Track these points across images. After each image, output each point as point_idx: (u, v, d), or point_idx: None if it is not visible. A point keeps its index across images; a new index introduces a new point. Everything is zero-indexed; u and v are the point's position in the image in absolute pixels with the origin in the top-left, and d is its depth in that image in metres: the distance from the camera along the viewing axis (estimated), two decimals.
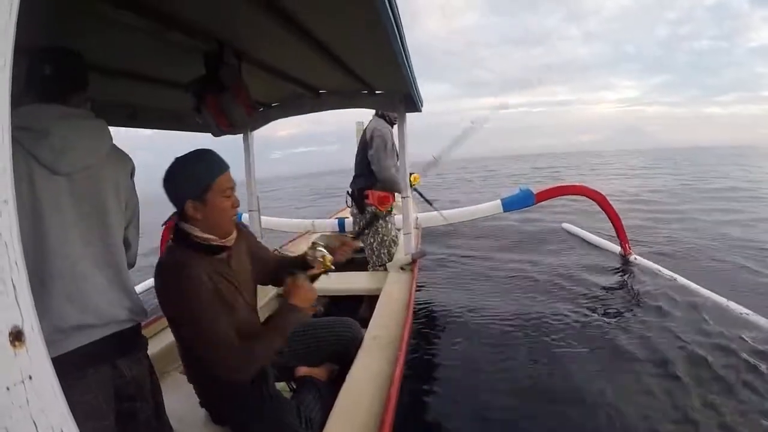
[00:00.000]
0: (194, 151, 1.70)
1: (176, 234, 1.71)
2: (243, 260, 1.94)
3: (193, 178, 1.64)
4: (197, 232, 1.67)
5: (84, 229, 1.42)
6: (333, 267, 1.97)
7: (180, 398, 2.07)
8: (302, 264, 2.06)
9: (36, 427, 0.49)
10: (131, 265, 1.69)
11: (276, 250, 4.08)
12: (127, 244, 1.63)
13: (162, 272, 1.63)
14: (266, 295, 3.34)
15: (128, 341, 1.56)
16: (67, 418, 0.55)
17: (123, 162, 1.60)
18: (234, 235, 1.82)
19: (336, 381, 2.08)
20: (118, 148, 1.59)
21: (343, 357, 2.29)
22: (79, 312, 1.37)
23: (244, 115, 2.41)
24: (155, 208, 2.17)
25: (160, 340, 2.56)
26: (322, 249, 1.92)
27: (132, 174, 1.64)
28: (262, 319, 1.99)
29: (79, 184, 1.41)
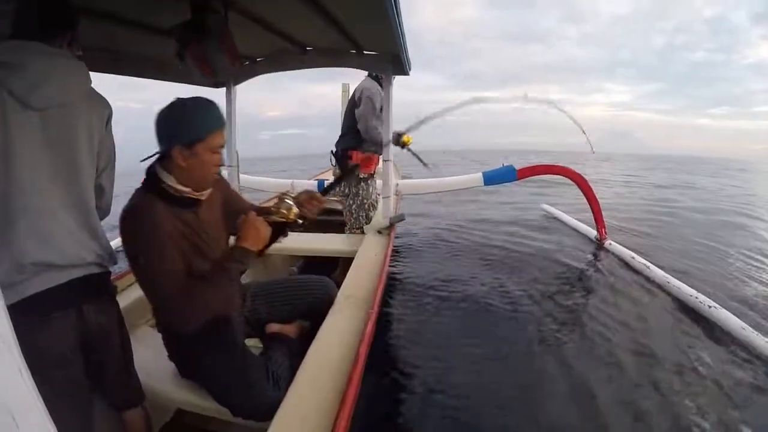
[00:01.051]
0: (198, 97, 1.65)
1: (147, 179, 1.67)
2: (215, 211, 1.91)
3: (189, 124, 1.60)
4: (172, 182, 1.64)
5: (53, 166, 1.41)
6: (299, 221, 1.91)
7: (149, 352, 2.07)
8: (267, 214, 1.98)
9: None
10: (105, 212, 1.70)
11: None
12: (99, 190, 1.62)
13: (124, 216, 1.59)
14: None
15: (95, 287, 1.55)
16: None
17: (99, 106, 1.57)
18: (209, 190, 1.80)
19: (307, 339, 2.07)
20: (97, 93, 1.57)
21: (316, 315, 2.27)
22: (43, 249, 1.36)
23: (228, 64, 2.37)
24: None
25: (131, 293, 2.55)
26: (289, 201, 1.87)
27: (108, 120, 1.61)
28: None
29: (52, 121, 1.39)
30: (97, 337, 1.56)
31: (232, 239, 1.91)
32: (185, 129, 1.59)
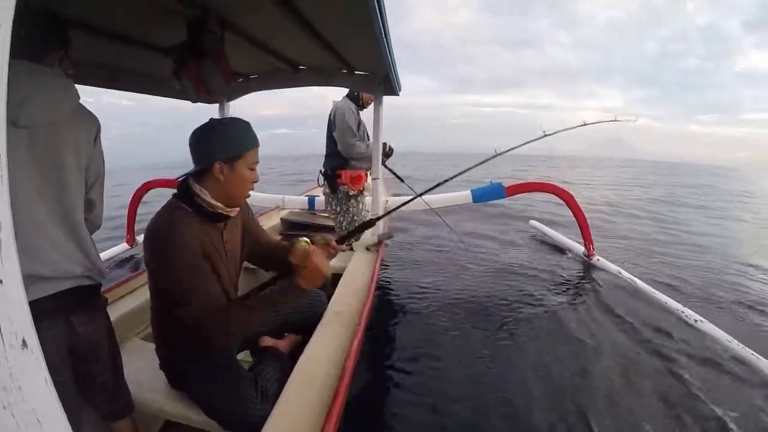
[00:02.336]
0: (236, 118, 1.75)
1: (182, 193, 1.73)
2: (235, 233, 1.97)
3: (231, 140, 1.68)
4: (206, 196, 1.70)
5: (40, 183, 1.44)
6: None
7: (140, 363, 2.10)
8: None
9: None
10: (96, 226, 1.74)
11: None
12: (89, 204, 1.66)
13: (151, 232, 1.64)
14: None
15: (84, 298, 1.58)
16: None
17: (87, 123, 1.60)
18: (238, 209, 1.86)
19: (298, 353, 2.10)
20: (85, 109, 1.61)
21: (309, 327, 2.31)
22: (31, 262, 1.39)
23: (222, 83, 2.44)
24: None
25: (122, 306, 2.59)
26: (304, 244, 1.84)
27: (97, 136, 1.64)
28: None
29: (39, 139, 1.42)
30: (86, 347, 1.59)
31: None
32: (227, 145, 1.67)
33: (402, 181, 4.51)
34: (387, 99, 3.64)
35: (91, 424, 1.73)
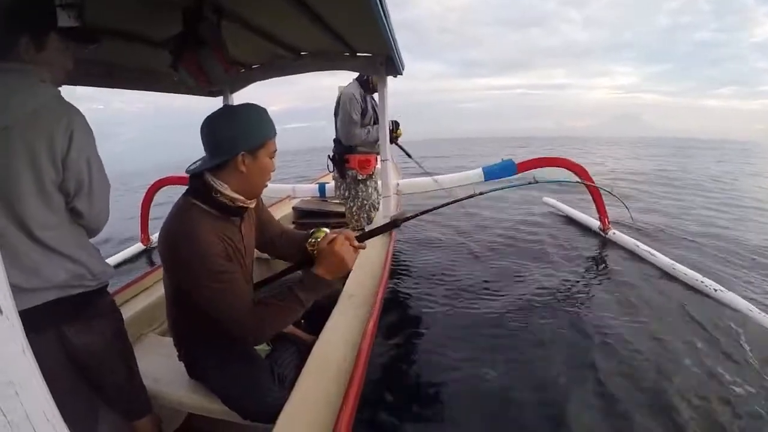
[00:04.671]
0: (253, 104, 1.67)
1: (197, 187, 1.66)
2: (250, 226, 1.95)
3: (254, 129, 1.63)
4: (226, 190, 1.64)
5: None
6: None
7: (157, 359, 2.11)
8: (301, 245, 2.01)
9: None
10: (94, 231, 1.67)
11: None
12: (76, 214, 1.56)
13: (172, 239, 1.58)
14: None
15: (74, 307, 1.54)
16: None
17: (52, 125, 1.41)
18: (255, 200, 1.84)
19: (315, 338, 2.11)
20: (55, 111, 1.44)
21: (324, 313, 2.30)
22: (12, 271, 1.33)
23: (222, 72, 2.43)
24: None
25: (136, 304, 2.61)
26: (324, 234, 1.85)
27: (71, 141, 1.44)
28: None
29: None
30: (85, 356, 1.57)
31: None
32: (250, 135, 1.62)
33: (410, 157, 4.49)
34: (395, 85, 3.62)
35: (109, 423, 1.74)
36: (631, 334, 3.44)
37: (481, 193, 2.42)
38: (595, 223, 6.30)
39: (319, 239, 1.84)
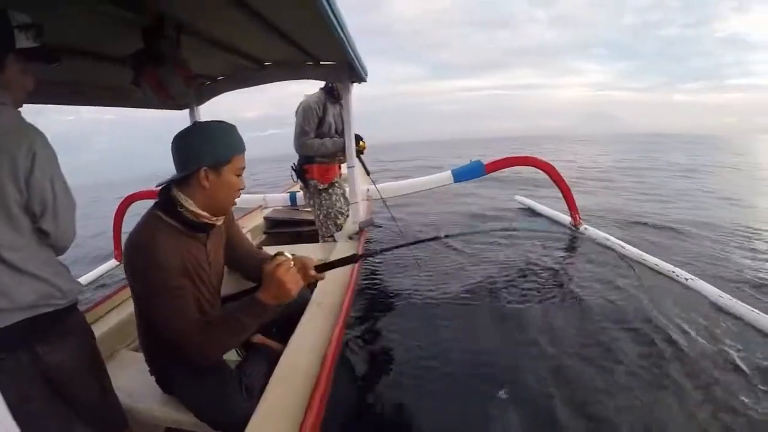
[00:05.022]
0: (221, 121, 1.70)
1: (163, 201, 1.68)
2: (219, 242, 1.95)
3: (217, 144, 1.63)
4: (191, 205, 1.66)
5: None
6: None
7: (131, 375, 2.13)
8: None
9: None
10: (61, 249, 1.66)
11: None
12: (42, 234, 1.55)
13: (132, 249, 1.60)
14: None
15: (46, 326, 1.54)
16: None
17: (15, 146, 1.41)
18: (223, 217, 1.84)
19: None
20: (14, 130, 1.44)
21: (293, 322, 2.31)
22: None
23: (183, 86, 2.46)
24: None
25: (108, 320, 2.63)
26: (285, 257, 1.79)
27: (33, 162, 1.44)
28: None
29: None
30: (58, 374, 1.57)
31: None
32: (212, 150, 1.62)
33: (368, 173, 4.53)
34: (366, 89, 3.67)
35: None
36: (604, 322, 3.56)
37: (446, 236, 2.50)
38: (566, 218, 6.39)
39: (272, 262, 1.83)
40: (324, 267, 1.91)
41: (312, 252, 3.75)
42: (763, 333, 3.27)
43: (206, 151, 1.61)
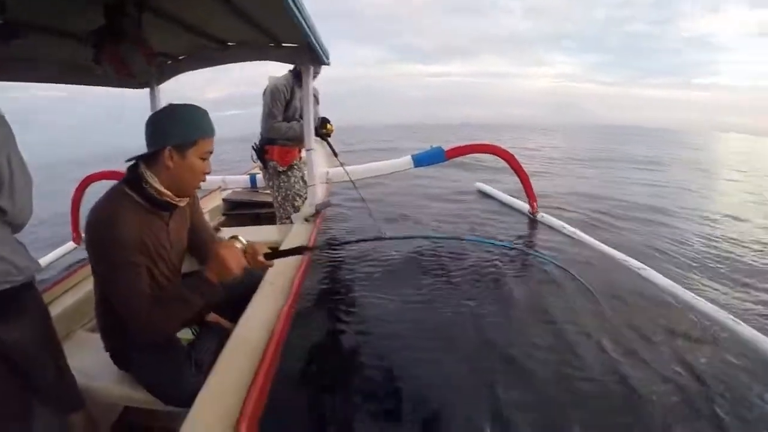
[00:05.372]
0: (192, 105, 1.75)
1: (130, 177, 1.73)
2: (182, 224, 2.00)
3: (184, 126, 1.69)
4: (155, 183, 1.71)
5: None
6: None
7: (87, 355, 2.13)
8: None
9: None
10: (18, 226, 1.66)
11: None
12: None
13: (92, 222, 1.63)
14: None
15: (1, 304, 1.55)
16: None
17: None
18: (187, 199, 1.90)
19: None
20: None
21: (246, 301, 2.30)
22: None
23: (144, 65, 2.48)
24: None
25: (65, 301, 2.63)
26: (238, 246, 1.86)
27: None
28: None
29: None
30: (14, 352, 1.58)
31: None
32: (178, 131, 1.68)
33: (336, 155, 4.57)
34: (333, 72, 3.69)
35: (44, 421, 1.74)
36: (556, 305, 3.73)
37: (390, 238, 2.56)
38: (524, 206, 6.54)
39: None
40: (273, 255, 1.99)
41: (269, 234, 3.82)
42: (715, 322, 3.43)
43: (173, 132, 1.68)
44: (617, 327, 3.39)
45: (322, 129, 4.08)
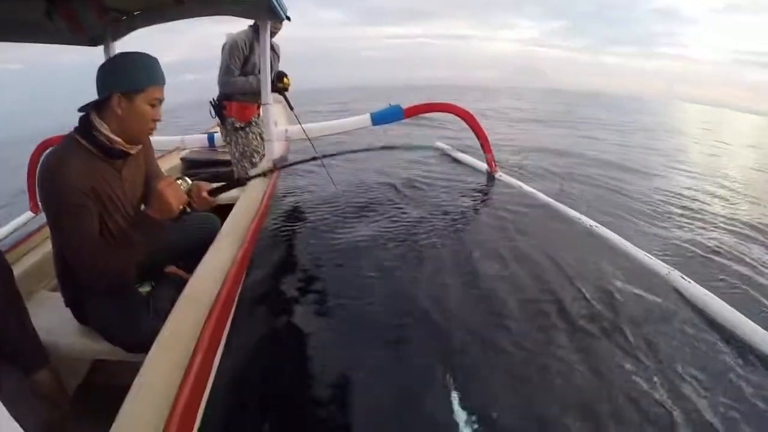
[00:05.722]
0: (142, 53, 1.76)
1: (80, 125, 1.75)
2: (137, 173, 2.03)
3: (130, 73, 1.70)
4: (105, 130, 1.73)
5: None
6: (187, 210, 1.97)
7: (49, 313, 2.14)
8: None
9: None
10: None
11: None
12: None
13: (42, 169, 1.66)
14: None
15: None
16: None
17: None
18: (139, 146, 1.92)
19: None
20: None
21: (205, 250, 2.32)
22: None
23: (96, 20, 2.47)
24: None
25: (25, 263, 2.63)
26: (183, 188, 1.92)
27: None
28: None
29: None
30: None
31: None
32: (126, 78, 1.70)
33: (292, 109, 4.58)
34: (296, 32, 3.64)
35: (8, 380, 1.73)
36: (515, 256, 3.96)
37: (324, 156, 2.66)
38: (483, 165, 6.71)
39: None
40: (217, 191, 2.08)
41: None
42: (654, 273, 3.68)
43: (120, 78, 1.70)
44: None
45: (279, 83, 4.09)
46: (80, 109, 1.79)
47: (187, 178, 1.96)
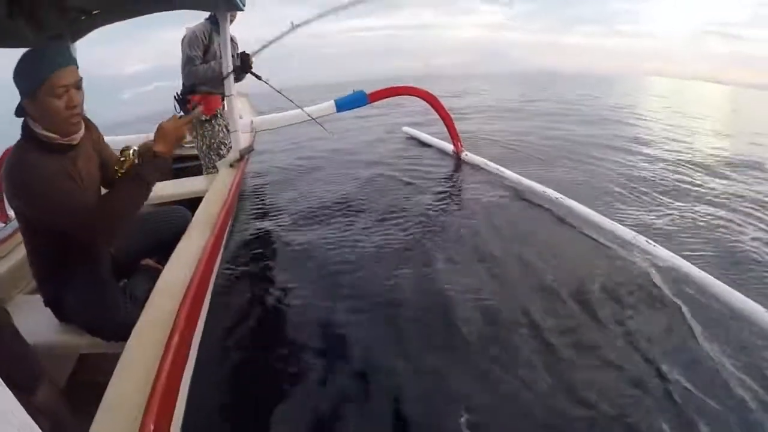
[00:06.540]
0: (29, 50, 1.69)
1: (23, 130, 1.77)
2: (90, 161, 2.03)
3: (22, 76, 1.66)
4: (39, 129, 1.73)
5: None
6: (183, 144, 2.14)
7: (28, 315, 2.12)
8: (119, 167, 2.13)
9: None
10: None
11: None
12: None
13: (8, 172, 1.68)
14: None
15: None
16: None
17: None
18: (80, 134, 1.89)
19: None
20: None
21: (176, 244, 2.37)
22: None
23: (56, 20, 2.51)
24: None
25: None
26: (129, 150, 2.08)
27: None
28: None
29: None
30: None
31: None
32: (19, 84, 1.67)
33: (266, 82, 4.59)
34: (251, 34, 3.69)
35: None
36: (481, 229, 4.21)
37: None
38: (449, 146, 6.87)
39: (128, 156, 2.10)
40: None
41: (195, 183, 3.93)
42: (620, 239, 3.90)
43: (19, 86, 1.68)
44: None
45: (246, 63, 4.17)
46: (17, 115, 1.79)
47: (134, 147, 2.11)
